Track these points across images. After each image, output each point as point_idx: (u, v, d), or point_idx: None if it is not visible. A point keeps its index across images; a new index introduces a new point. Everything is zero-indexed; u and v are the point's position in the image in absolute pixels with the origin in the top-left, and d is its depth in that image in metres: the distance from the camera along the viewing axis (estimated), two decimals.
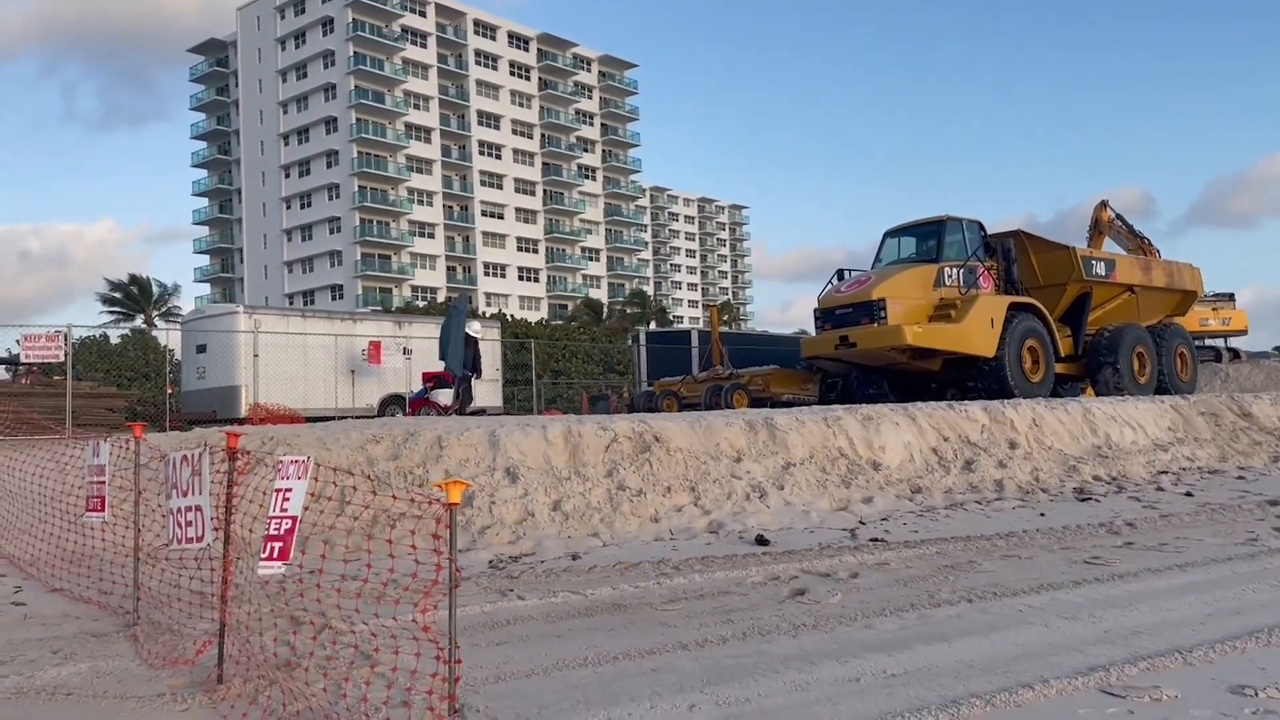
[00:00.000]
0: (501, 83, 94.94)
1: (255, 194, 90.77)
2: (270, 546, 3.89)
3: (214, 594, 4.70)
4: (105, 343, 54.98)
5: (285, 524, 3.90)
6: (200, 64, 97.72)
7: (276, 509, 3.92)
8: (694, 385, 22.49)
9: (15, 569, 7.30)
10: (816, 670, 4.97)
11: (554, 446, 9.55)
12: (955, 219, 19.09)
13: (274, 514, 3.92)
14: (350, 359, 23.08)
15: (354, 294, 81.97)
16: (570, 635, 5.63)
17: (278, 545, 3.88)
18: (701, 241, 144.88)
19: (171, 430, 17.84)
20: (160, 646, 5.19)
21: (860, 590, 6.72)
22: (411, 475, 9.01)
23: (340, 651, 5.03)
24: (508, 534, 8.32)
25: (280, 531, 3.90)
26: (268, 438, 9.68)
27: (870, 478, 10.70)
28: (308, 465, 3.99)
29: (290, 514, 3.91)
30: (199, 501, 4.71)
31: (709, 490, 9.54)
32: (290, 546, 3.89)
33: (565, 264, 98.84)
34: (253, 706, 4.21)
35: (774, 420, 11.06)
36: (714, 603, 6.39)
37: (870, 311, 17.94)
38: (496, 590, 6.77)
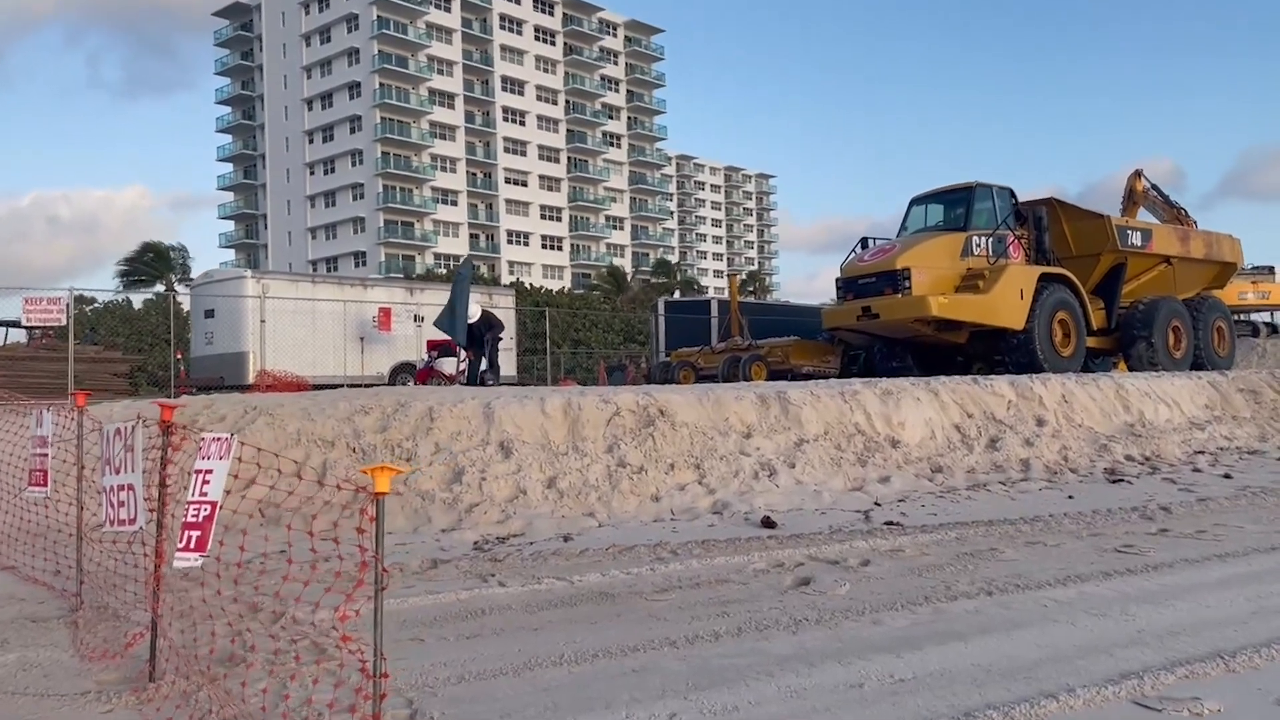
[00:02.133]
0: (526, 48, 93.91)
1: (279, 159, 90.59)
2: (188, 535, 3.44)
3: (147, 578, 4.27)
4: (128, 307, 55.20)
5: (204, 510, 3.45)
6: (224, 28, 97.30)
7: (196, 493, 3.46)
8: (711, 356, 21.95)
9: None
10: (816, 673, 4.49)
11: (552, 420, 9.09)
12: (985, 185, 18.36)
13: (193, 499, 3.46)
14: (360, 326, 22.70)
15: (377, 261, 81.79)
16: (549, 628, 5.18)
17: (195, 534, 3.43)
18: (728, 211, 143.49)
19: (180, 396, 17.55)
20: (99, 635, 4.79)
21: (870, 580, 6.23)
22: (400, 448, 8.59)
23: (296, 646, 4.61)
24: (497, 512, 7.88)
25: (199, 519, 3.45)
26: (250, 407, 9.29)
27: (888, 456, 10.18)
28: (230, 444, 3.53)
29: (210, 499, 3.46)
30: (131, 480, 4.26)
31: (715, 468, 9.06)
32: (209, 535, 3.44)
33: (589, 232, 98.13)
34: (180, 709, 3.78)
35: (787, 394, 10.54)
36: (710, 592, 5.93)
37: (894, 281, 17.30)
38: (477, 575, 6.34)
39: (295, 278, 25.42)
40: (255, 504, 7.04)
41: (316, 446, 8.64)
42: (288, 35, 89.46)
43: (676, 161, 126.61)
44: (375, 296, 23.56)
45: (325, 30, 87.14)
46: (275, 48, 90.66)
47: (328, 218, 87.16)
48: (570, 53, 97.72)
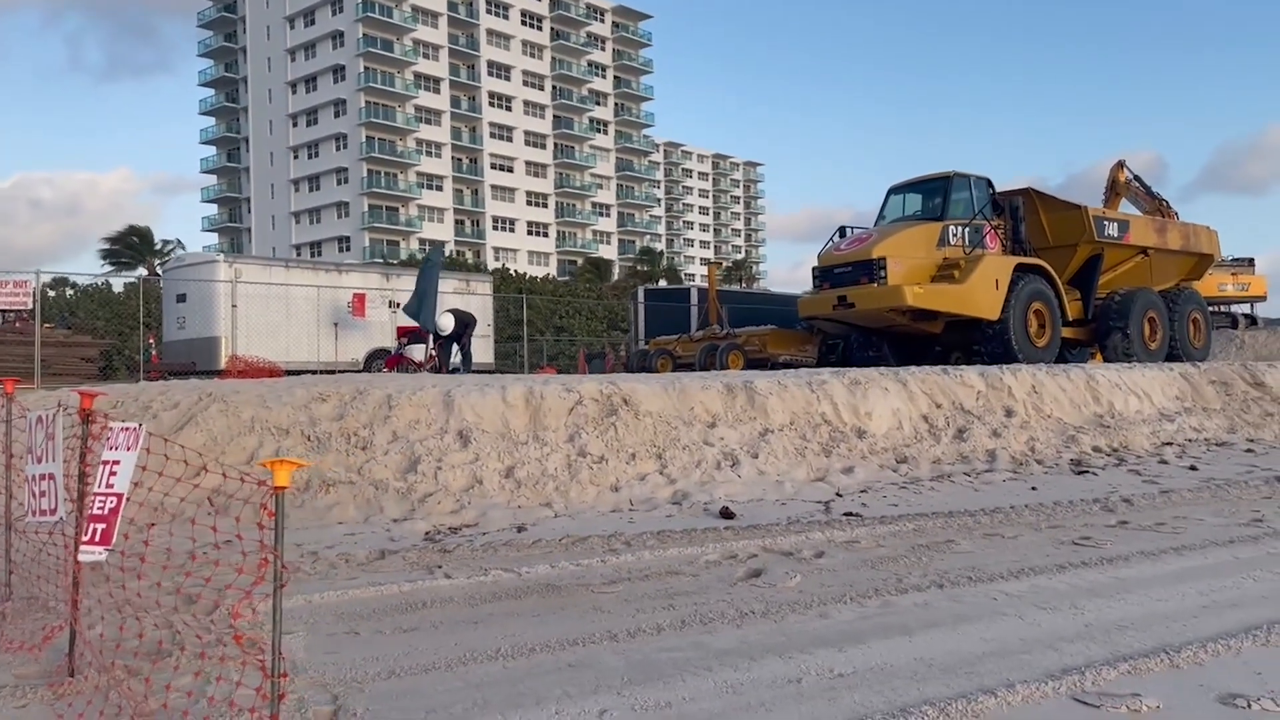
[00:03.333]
0: (513, 32, 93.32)
1: (263, 143, 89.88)
2: (93, 528, 3.34)
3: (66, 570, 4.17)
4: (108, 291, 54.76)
5: (110, 502, 3.35)
6: (208, 9, 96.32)
7: (102, 484, 3.36)
8: (689, 344, 21.89)
9: None
10: (756, 668, 4.42)
11: (513, 409, 8.99)
12: (962, 175, 18.33)
13: (99, 490, 3.36)
14: (335, 311, 22.51)
15: (361, 246, 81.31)
16: (490, 621, 5.09)
17: (100, 527, 3.33)
18: (715, 199, 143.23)
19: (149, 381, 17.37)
20: (25, 628, 4.69)
21: (822, 572, 6.16)
22: (356, 437, 8.47)
23: (225, 637, 4.51)
24: (451, 502, 7.78)
25: (104, 511, 3.34)
26: (205, 393, 9.15)
27: (853, 446, 10.12)
28: (138, 434, 3.42)
29: (116, 490, 3.35)
30: (53, 470, 4.15)
31: (677, 457, 8.98)
32: (114, 528, 3.34)
33: (575, 219, 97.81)
34: (93, 705, 3.68)
35: (754, 384, 10.45)
36: (658, 584, 5.85)
37: (870, 271, 17.26)
38: (424, 566, 6.24)
39: (269, 262, 25.20)
40: (206, 493, 6.93)
41: (270, 434, 8.51)
42: (271, 17, 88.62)
43: (664, 149, 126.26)
44: (350, 282, 23.38)
45: (309, 13, 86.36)
46: (259, 30, 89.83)
47: (311, 202, 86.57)
48: (557, 38, 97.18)
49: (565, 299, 53.28)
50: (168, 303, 23.37)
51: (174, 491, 5.06)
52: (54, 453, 4.16)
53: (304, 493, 7.69)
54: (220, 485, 6.87)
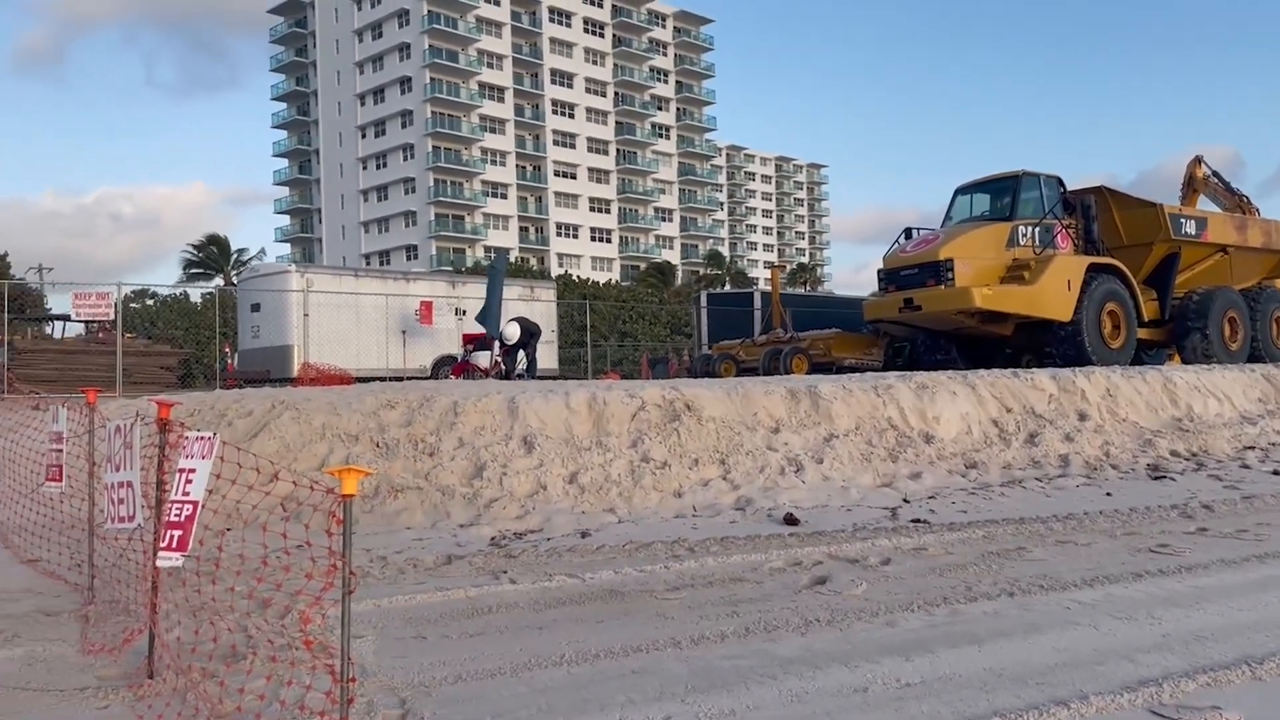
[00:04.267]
0: (575, 40, 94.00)
1: (333, 154, 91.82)
2: (170, 535, 3.44)
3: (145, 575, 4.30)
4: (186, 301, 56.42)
5: (186, 509, 3.44)
6: (279, 25, 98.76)
7: (179, 492, 3.46)
8: (752, 349, 21.77)
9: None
10: (821, 677, 4.38)
11: (577, 415, 9.04)
12: (1031, 174, 17.96)
13: (175, 498, 3.46)
14: (403, 319, 22.91)
15: (428, 254, 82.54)
16: (554, 627, 5.12)
17: (177, 534, 3.43)
18: (778, 202, 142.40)
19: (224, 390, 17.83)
20: (106, 631, 4.85)
21: (889, 580, 6.08)
22: (423, 443, 8.60)
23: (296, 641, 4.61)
24: (516, 508, 7.85)
25: (181, 518, 3.44)
26: (278, 401, 9.37)
27: (921, 451, 9.97)
28: (213, 443, 3.51)
29: (192, 498, 3.45)
30: (130, 477, 4.29)
31: (740, 463, 8.94)
32: (190, 535, 3.44)
33: (638, 224, 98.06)
34: (172, 706, 3.79)
35: (818, 388, 10.36)
36: (722, 591, 5.83)
37: (936, 272, 17.00)
38: (489, 571, 6.31)
39: (339, 271, 25.71)
40: (279, 499, 7.10)
41: (341, 441, 8.69)
42: (340, 31, 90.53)
43: (726, 152, 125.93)
44: (417, 290, 23.76)
45: (377, 26, 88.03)
46: (328, 44, 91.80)
47: (380, 212, 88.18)
48: (619, 45, 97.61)
49: (628, 304, 53.44)
50: (242, 312, 24.00)
51: (248, 498, 5.21)
52: (132, 461, 4.29)
53: (373, 498, 7.83)
54: (292, 492, 7.04)
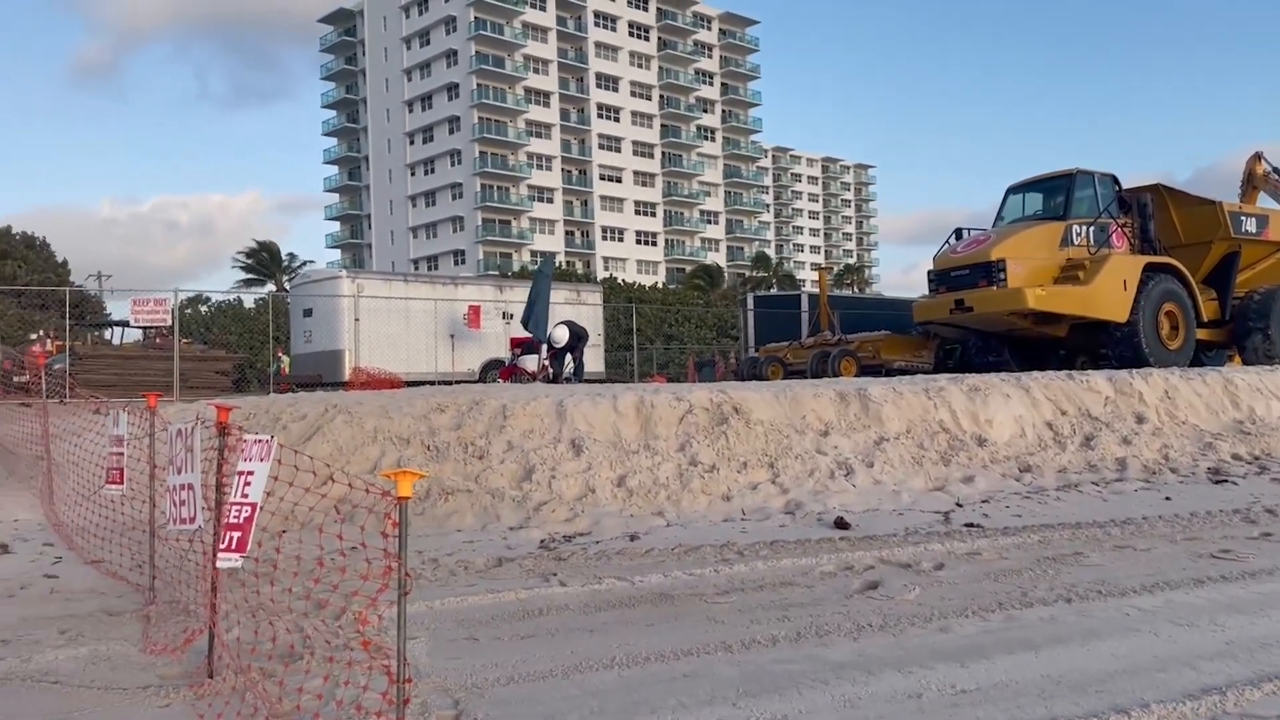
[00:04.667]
0: (620, 44, 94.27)
1: (382, 161, 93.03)
2: (229, 536, 3.51)
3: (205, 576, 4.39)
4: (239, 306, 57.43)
5: (245, 511, 3.51)
6: (330, 34, 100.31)
7: (237, 494, 3.53)
8: (800, 351, 21.66)
9: (63, 539, 7.30)
10: (874, 682, 4.34)
11: (624, 418, 9.07)
12: (1086, 172, 17.67)
13: (234, 500, 3.53)
14: (451, 323, 23.14)
15: (475, 259, 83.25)
16: (605, 630, 5.14)
17: (236, 535, 3.50)
18: (825, 203, 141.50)
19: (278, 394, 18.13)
20: (167, 630, 4.95)
21: (942, 584, 6.01)
22: (473, 446, 8.68)
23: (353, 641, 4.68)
24: (565, 511, 7.90)
25: (240, 519, 3.51)
26: (331, 405, 9.51)
27: (973, 455, 9.84)
28: (270, 446, 3.58)
29: (250, 500, 3.52)
30: (191, 480, 4.39)
31: (789, 467, 8.90)
32: (249, 536, 3.50)
33: (683, 227, 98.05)
34: (230, 706, 3.86)
35: (868, 391, 10.28)
36: (773, 595, 5.80)
37: (988, 273, 16.81)
38: (539, 574, 6.35)
39: (389, 277, 26.05)
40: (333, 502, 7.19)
41: (392, 444, 8.81)
42: (389, 39, 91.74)
43: (772, 154, 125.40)
44: (465, 295, 23.99)
45: (425, 33, 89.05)
46: (377, 52, 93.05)
47: (428, 217, 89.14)
48: (664, 47, 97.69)
49: (674, 307, 53.42)
50: (295, 318, 24.39)
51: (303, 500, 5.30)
52: (193, 464, 4.39)
53: (424, 501, 7.91)
54: (346, 494, 7.14)
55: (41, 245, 50.42)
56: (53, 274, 47.21)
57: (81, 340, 26.35)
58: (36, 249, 49.77)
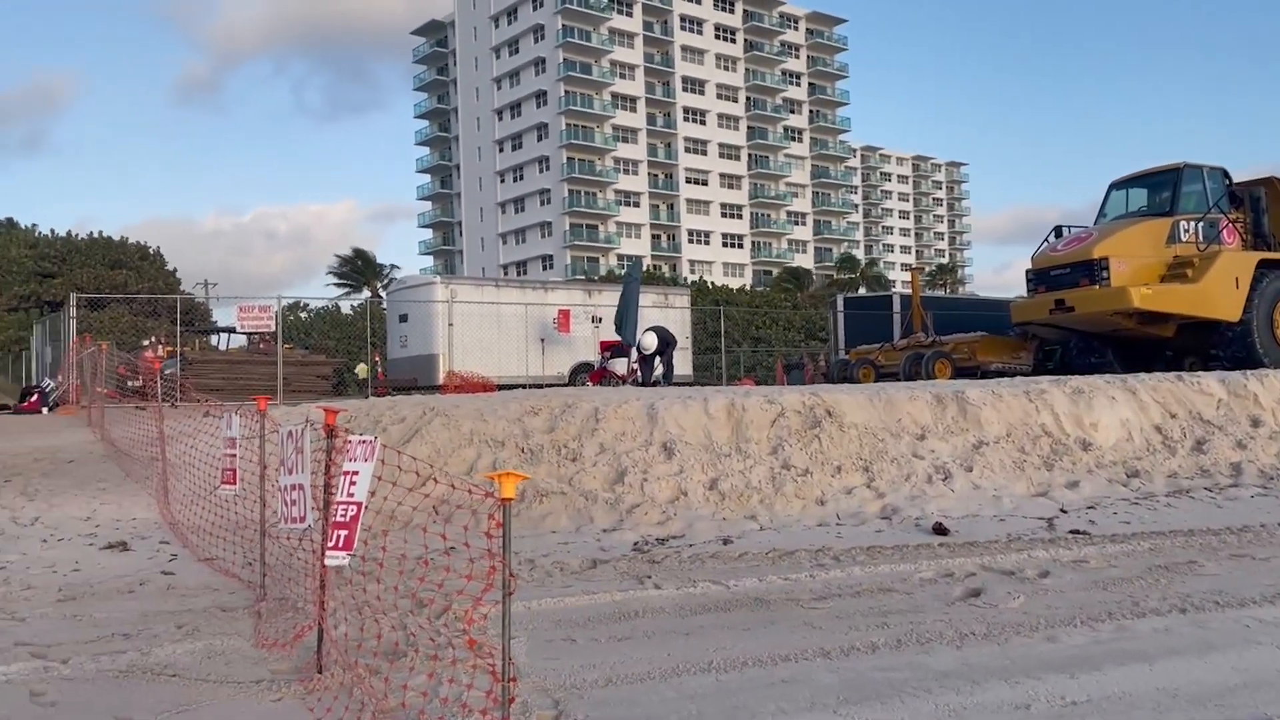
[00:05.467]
0: (706, 47, 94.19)
1: (472, 168, 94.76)
2: (336, 535, 3.60)
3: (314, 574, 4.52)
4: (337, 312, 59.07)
5: (351, 510, 3.60)
6: (421, 45, 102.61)
7: (344, 494, 3.62)
8: (892, 353, 21.29)
9: (178, 538, 7.60)
10: (979, 691, 4.24)
11: (715, 421, 9.04)
12: (1193, 166, 17.00)
13: (341, 499, 3.62)
14: (541, 327, 23.44)
15: (563, 264, 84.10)
16: (701, 633, 5.13)
17: (343, 534, 3.59)
18: (916, 202, 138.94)
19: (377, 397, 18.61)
20: (278, 626, 5.11)
21: (1048, 593, 5.84)
22: (566, 449, 8.77)
23: (455, 640, 4.76)
24: (658, 513, 7.91)
25: (346, 518, 3.60)
26: (428, 408, 9.71)
27: (1078, 459, 9.54)
28: (374, 446, 3.66)
29: (356, 499, 3.61)
30: (302, 480, 4.52)
31: (885, 471, 8.76)
32: (355, 534, 3.59)
33: (770, 229, 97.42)
34: (341, 701, 3.97)
35: (965, 394, 10.06)
36: (871, 601, 5.71)
37: (1090, 271, 16.34)
38: (634, 576, 6.37)
39: (480, 282, 26.52)
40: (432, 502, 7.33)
41: (488, 446, 8.95)
42: (479, 49, 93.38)
43: (861, 153, 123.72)
44: (555, 299, 24.27)
45: (514, 42, 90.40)
46: (468, 62, 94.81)
47: (517, 223, 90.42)
48: (751, 49, 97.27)
49: (762, 309, 53.13)
50: (391, 323, 25.00)
51: (404, 501, 5.41)
52: (303, 465, 4.52)
53: (520, 503, 8.01)
54: (444, 494, 7.27)
55: (155, 255, 52.67)
56: (163, 283, 49.26)
57: (190, 346, 27.44)
58: (150, 259, 52.00)
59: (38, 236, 52.30)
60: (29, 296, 45.40)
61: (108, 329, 31.02)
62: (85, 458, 11.43)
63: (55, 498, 9.05)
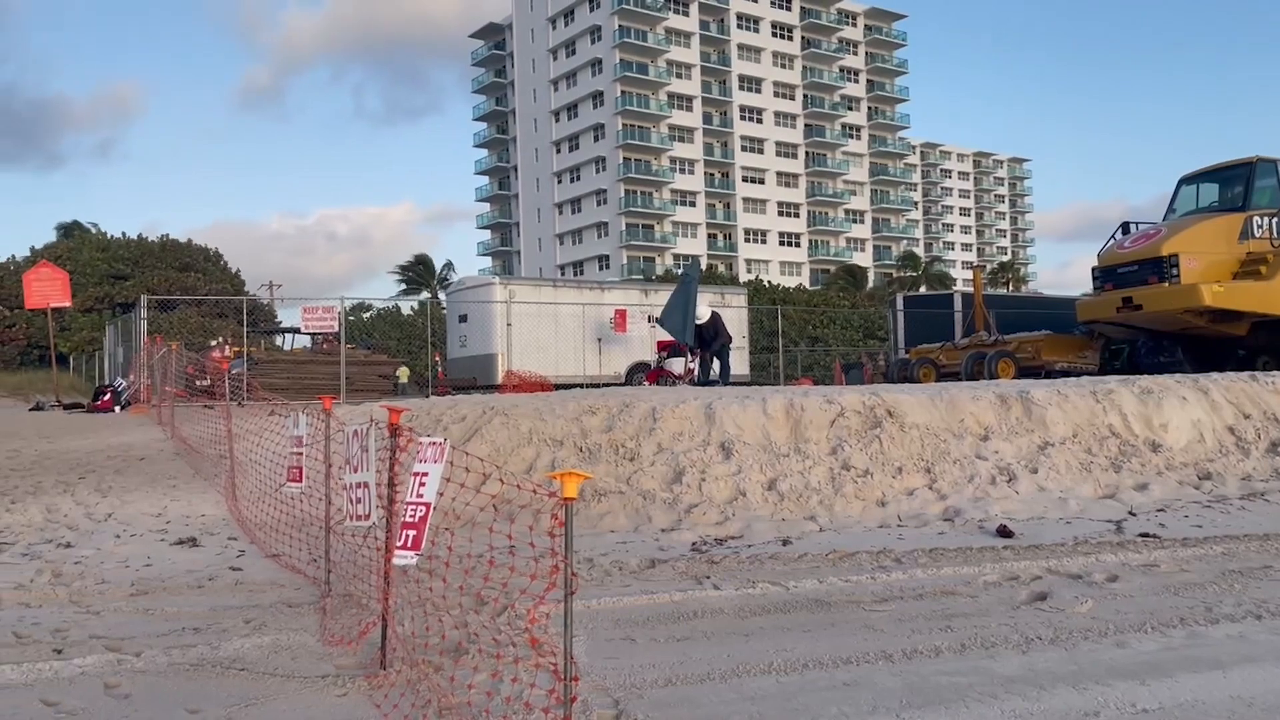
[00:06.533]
0: (763, 45, 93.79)
1: (530, 170, 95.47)
2: (405, 534, 3.65)
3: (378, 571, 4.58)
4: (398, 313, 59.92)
5: (420, 510, 3.66)
6: (480, 48, 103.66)
7: (413, 494, 3.67)
8: (954, 353, 21.01)
9: (246, 534, 7.76)
10: (1046, 698, 4.16)
11: (774, 421, 8.99)
12: (1268, 160, 16.53)
13: (410, 500, 3.67)
14: (598, 327, 23.55)
15: (619, 264, 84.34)
16: (761, 634, 5.10)
17: (412, 534, 3.64)
18: (977, 199, 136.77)
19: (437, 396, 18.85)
20: (341, 622, 5.19)
21: (1117, 597, 5.71)
22: (624, 448, 8.79)
23: (516, 638, 4.80)
24: (716, 513, 7.89)
25: (415, 519, 3.65)
26: (488, 408, 9.80)
27: (1147, 460, 9.32)
28: (444, 448, 3.71)
29: (425, 500, 3.66)
30: (366, 478, 4.60)
31: (947, 472, 8.64)
32: (423, 535, 3.64)
33: (828, 227, 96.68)
34: (405, 696, 4.02)
35: (1030, 393, 9.89)
36: (934, 604, 5.64)
37: (1159, 269, 15.99)
38: (692, 577, 6.35)
39: (538, 283, 26.72)
40: (492, 500, 7.40)
41: (546, 445, 9.01)
42: (536, 51, 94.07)
43: (920, 150, 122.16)
44: (612, 299, 24.37)
45: (571, 43, 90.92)
46: (525, 64, 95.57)
47: (574, 224, 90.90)
48: (808, 46, 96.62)
49: (819, 308, 52.76)
50: (451, 323, 25.30)
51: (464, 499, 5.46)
52: (368, 463, 4.59)
53: (578, 502, 8.05)
54: (501, 492, 7.34)
55: (216, 257, 53.98)
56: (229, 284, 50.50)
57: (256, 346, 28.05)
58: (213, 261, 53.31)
59: (109, 240, 53.91)
60: (102, 298, 46.84)
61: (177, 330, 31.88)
62: (156, 455, 11.74)
63: (127, 494, 9.30)
